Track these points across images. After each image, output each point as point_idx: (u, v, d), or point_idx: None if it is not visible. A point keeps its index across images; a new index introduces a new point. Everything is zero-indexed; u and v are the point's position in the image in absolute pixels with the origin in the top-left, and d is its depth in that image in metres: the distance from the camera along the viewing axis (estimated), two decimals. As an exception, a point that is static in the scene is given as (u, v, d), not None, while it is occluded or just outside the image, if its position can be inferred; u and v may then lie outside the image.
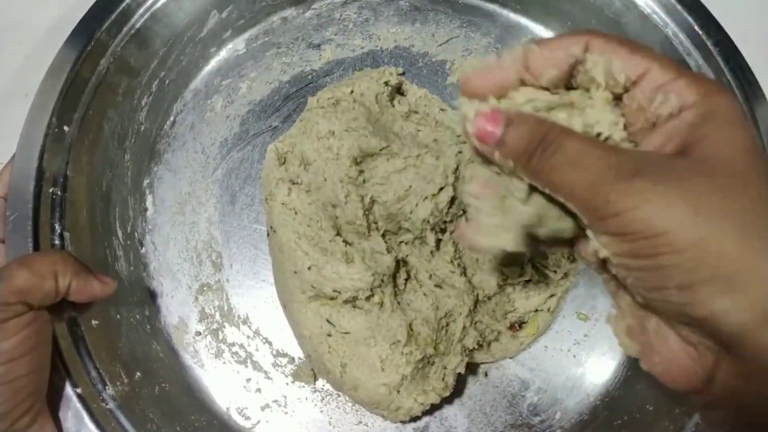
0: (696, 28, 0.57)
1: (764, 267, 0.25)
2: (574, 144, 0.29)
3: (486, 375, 0.56)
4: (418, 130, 0.55)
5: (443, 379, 0.51)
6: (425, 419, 0.54)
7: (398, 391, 0.49)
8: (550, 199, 0.31)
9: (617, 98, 0.32)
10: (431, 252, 0.54)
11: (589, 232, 0.29)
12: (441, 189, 0.51)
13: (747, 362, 0.26)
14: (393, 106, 0.54)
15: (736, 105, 0.29)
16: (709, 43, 0.56)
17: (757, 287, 0.25)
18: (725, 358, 0.27)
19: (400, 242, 0.54)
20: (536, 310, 0.56)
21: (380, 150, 0.51)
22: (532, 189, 0.31)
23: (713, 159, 0.27)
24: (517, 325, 0.56)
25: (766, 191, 0.27)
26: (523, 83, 0.33)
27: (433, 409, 0.52)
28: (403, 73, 0.64)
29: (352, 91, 0.53)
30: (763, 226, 0.26)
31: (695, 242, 0.26)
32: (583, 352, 0.56)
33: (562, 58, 0.31)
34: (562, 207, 0.31)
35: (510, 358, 0.56)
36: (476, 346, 0.52)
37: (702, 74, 0.30)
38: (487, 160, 0.33)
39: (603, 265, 0.31)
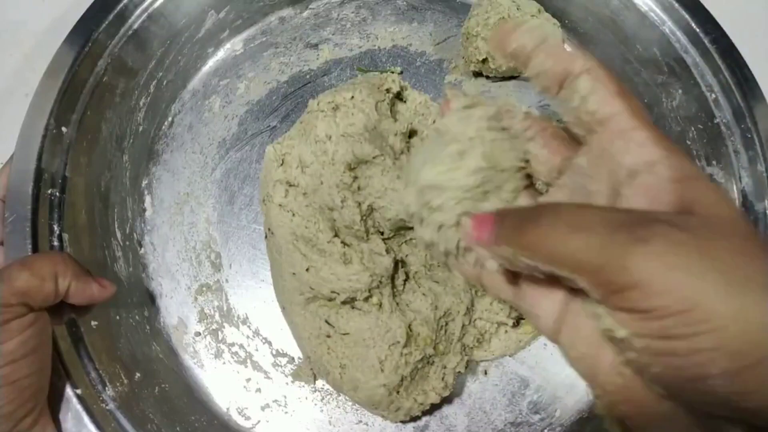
0: (693, 25, 0.57)
1: None
2: (570, 207, 0.26)
3: (486, 373, 0.56)
4: (410, 148, 0.55)
5: (443, 378, 0.51)
6: (425, 418, 0.54)
7: (398, 392, 0.49)
8: None
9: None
10: None
11: (599, 310, 0.25)
12: None
13: None
14: (395, 120, 0.54)
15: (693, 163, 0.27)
16: (706, 41, 0.56)
17: None
18: None
19: (401, 243, 0.54)
20: None
21: (373, 158, 0.51)
22: None
23: (721, 220, 0.24)
24: (515, 321, 0.55)
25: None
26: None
27: (433, 408, 0.52)
28: (401, 72, 0.64)
29: (352, 97, 0.53)
30: None
31: (735, 316, 0.21)
32: (582, 350, 0.56)
33: (560, 72, 0.30)
34: None
35: (509, 356, 0.56)
36: (476, 344, 0.52)
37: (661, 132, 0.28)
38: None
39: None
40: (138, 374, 0.52)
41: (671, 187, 0.26)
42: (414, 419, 0.53)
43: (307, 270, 0.51)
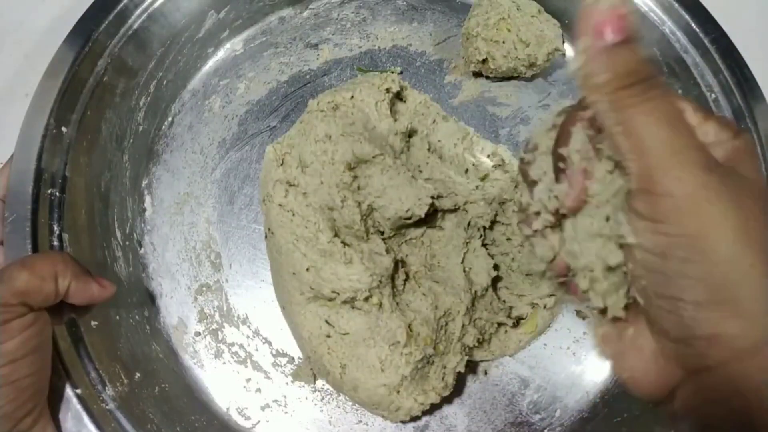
0: (693, 25, 0.57)
1: None
2: (677, 103, 0.27)
3: (486, 373, 0.56)
4: (410, 147, 0.55)
5: (443, 378, 0.51)
6: (425, 418, 0.54)
7: (398, 392, 0.49)
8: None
9: None
10: (438, 239, 0.54)
11: (621, 216, 0.28)
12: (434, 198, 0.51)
13: (715, 388, 0.27)
14: (395, 119, 0.54)
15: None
16: (706, 41, 0.57)
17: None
18: (694, 377, 0.28)
19: (401, 243, 0.54)
20: (533, 305, 0.55)
21: (373, 157, 0.51)
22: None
23: (756, 183, 0.28)
24: (515, 321, 0.56)
25: None
26: None
27: (433, 407, 0.52)
28: (401, 72, 0.64)
29: (352, 96, 0.53)
30: None
31: (730, 259, 0.25)
32: (582, 350, 0.56)
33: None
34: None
35: (509, 356, 0.56)
36: (476, 344, 0.52)
37: (723, 116, 0.30)
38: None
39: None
40: (138, 374, 0.52)
41: (722, 159, 0.28)
42: (414, 419, 0.53)
43: (307, 270, 0.51)
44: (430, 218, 0.53)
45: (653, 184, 0.26)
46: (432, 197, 0.51)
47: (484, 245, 0.54)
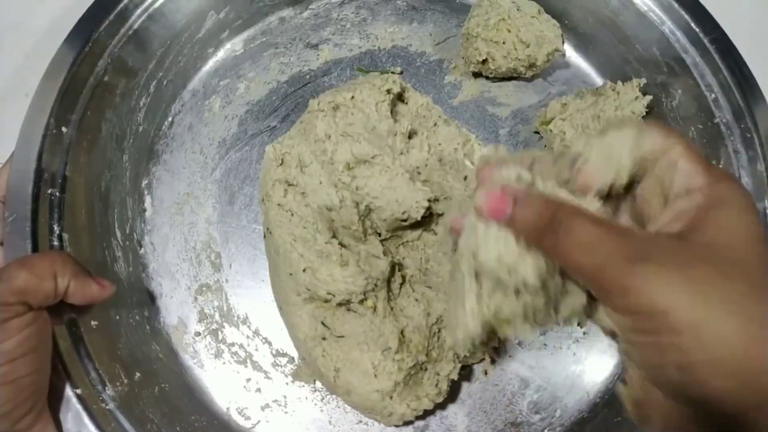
0: (693, 25, 0.57)
1: (760, 353, 0.26)
2: (583, 226, 0.29)
3: (486, 373, 0.56)
4: (410, 149, 0.55)
5: (437, 385, 0.50)
6: (425, 418, 0.54)
7: (391, 397, 0.49)
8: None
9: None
10: (432, 243, 0.53)
11: (601, 305, 0.31)
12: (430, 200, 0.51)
13: None
14: (396, 120, 0.54)
15: (744, 192, 0.30)
16: (705, 41, 0.57)
17: (755, 373, 0.26)
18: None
19: (399, 245, 0.54)
20: None
21: (372, 158, 0.51)
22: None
23: (717, 245, 0.28)
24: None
25: (765, 278, 0.28)
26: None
27: (434, 407, 0.52)
28: (401, 72, 0.64)
29: (353, 97, 0.53)
30: (760, 312, 0.26)
31: (693, 324, 0.26)
32: (582, 350, 0.56)
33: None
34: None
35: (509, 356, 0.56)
36: (467, 354, 0.52)
37: (714, 165, 0.32)
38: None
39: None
40: (138, 374, 0.52)
41: (694, 212, 0.30)
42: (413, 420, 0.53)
43: (303, 271, 0.50)
44: (427, 221, 0.53)
45: (604, 292, 0.29)
46: (429, 200, 0.51)
47: None
